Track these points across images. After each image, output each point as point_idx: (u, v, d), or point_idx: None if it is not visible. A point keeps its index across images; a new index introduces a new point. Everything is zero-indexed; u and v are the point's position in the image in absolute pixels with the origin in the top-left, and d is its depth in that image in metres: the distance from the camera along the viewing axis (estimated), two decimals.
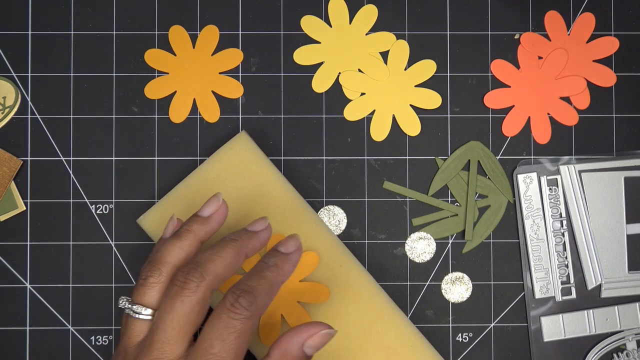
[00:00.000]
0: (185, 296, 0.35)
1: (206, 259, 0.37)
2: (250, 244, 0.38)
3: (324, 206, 0.48)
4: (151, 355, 0.35)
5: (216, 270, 0.36)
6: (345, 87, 0.48)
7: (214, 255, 0.37)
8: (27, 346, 0.47)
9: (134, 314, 0.36)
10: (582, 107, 0.49)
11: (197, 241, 0.39)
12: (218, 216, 0.40)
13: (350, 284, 0.44)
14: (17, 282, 0.47)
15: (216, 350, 0.34)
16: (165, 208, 0.44)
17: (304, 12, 0.48)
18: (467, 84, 0.49)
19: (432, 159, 0.48)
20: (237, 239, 0.38)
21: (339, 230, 0.48)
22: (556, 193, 0.48)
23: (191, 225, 0.39)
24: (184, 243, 0.38)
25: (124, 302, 0.37)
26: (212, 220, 0.39)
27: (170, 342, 0.35)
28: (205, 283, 0.36)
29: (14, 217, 0.48)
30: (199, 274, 0.36)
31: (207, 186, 0.45)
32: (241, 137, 0.45)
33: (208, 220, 0.39)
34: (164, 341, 0.35)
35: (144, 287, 0.37)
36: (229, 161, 0.45)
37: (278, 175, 0.45)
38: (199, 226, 0.39)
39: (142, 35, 0.48)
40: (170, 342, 0.35)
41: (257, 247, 0.39)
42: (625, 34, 0.49)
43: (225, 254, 0.37)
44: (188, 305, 0.35)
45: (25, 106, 0.48)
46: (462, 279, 0.48)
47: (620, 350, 0.48)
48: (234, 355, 0.34)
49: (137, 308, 0.37)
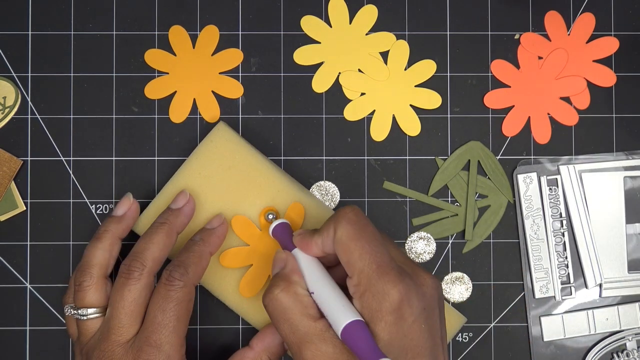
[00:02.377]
0: (132, 285, 0.40)
1: (142, 248, 0.41)
2: (177, 221, 0.43)
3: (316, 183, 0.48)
4: (109, 339, 0.39)
5: (153, 255, 0.41)
6: (345, 87, 0.48)
7: (148, 243, 0.41)
8: (27, 346, 0.47)
9: (81, 317, 0.41)
10: (582, 107, 0.49)
11: (116, 239, 0.43)
12: (131, 213, 0.44)
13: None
14: (17, 282, 0.47)
15: (159, 320, 0.39)
16: (156, 211, 0.45)
17: (304, 12, 0.48)
18: (467, 84, 0.49)
19: (432, 159, 0.48)
20: (165, 221, 0.42)
21: (333, 204, 0.48)
22: (556, 193, 0.48)
23: (108, 226, 0.43)
24: (104, 244, 0.42)
25: (69, 310, 0.42)
26: (126, 218, 0.44)
27: (125, 326, 0.39)
28: (147, 270, 0.40)
29: (14, 217, 0.48)
30: (139, 263, 0.40)
31: (194, 182, 0.45)
32: (220, 128, 0.45)
33: (122, 218, 0.43)
34: (119, 326, 0.39)
35: (81, 291, 0.41)
36: (211, 154, 0.45)
37: (263, 160, 0.45)
38: (115, 225, 0.43)
39: (142, 35, 0.48)
40: (125, 326, 0.39)
41: (185, 223, 0.43)
42: (625, 34, 0.49)
43: (158, 238, 0.41)
44: (135, 292, 0.40)
45: (25, 106, 0.48)
46: (462, 278, 0.48)
47: (620, 350, 0.48)
48: (175, 320, 0.39)
49: (83, 311, 0.41)
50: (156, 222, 0.43)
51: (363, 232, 0.37)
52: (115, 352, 0.39)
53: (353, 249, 0.36)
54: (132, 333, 0.40)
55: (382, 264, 0.36)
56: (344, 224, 0.37)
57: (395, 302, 0.35)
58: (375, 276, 0.35)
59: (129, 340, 0.39)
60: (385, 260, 0.36)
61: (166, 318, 0.39)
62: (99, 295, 0.41)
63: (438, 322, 0.37)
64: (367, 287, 0.36)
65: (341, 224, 0.37)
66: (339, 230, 0.37)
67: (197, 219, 0.45)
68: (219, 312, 0.47)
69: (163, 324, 0.39)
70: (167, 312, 0.39)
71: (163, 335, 0.39)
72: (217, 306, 0.46)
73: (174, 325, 0.39)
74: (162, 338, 0.39)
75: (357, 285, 0.36)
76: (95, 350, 0.40)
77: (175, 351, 0.39)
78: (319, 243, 0.38)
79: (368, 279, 0.36)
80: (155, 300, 0.40)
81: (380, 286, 0.35)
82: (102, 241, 0.42)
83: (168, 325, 0.39)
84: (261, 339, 0.42)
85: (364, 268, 0.36)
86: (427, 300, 0.37)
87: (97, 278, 0.41)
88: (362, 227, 0.37)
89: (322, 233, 0.38)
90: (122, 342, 0.39)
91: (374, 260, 0.36)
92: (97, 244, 0.42)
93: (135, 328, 0.40)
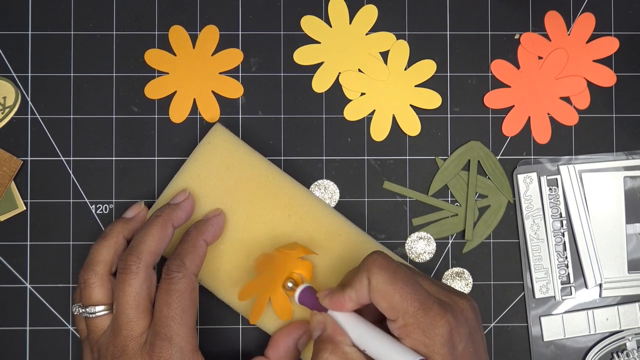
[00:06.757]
0: (131, 279, 0.40)
1: (138, 242, 0.41)
2: (174, 214, 0.43)
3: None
4: (121, 334, 0.40)
5: (149, 248, 0.41)
6: (345, 87, 0.48)
7: (143, 236, 0.42)
8: (27, 346, 0.47)
9: (89, 315, 0.41)
10: (582, 107, 0.49)
11: (121, 237, 0.43)
12: (139, 217, 0.45)
13: (351, 250, 0.45)
14: (17, 282, 0.47)
15: (165, 313, 0.40)
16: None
17: (304, 12, 0.48)
18: (467, 84, 0.49)
19: (432, 159, 0.48)
20: (160, 214, 0.43)
21: (332, 202, 0.48)
22: (556, 193, 0.48)
23: (114, 226, 0.43)
24: (109, 242, 0.42)
25: (77, 309, 0.42)
26: (134, 220, 0.44)
27: (133, 320, 0.40)
28: (143, 263, 0.41)
29: (14, 217, 0.48)
30: (135, 257, 0.41)
31: (193, 184, 0.45)
32: (217, 129, 0.46)
33: (130, 220, 0.44)
34: (127, 321, 0.40)
35: (87, 289, 0.41)
36: (209, 156, 0.45)
37: (260, 159, 0.45)
38: (122, 225, 0.44)
39: (142, 35, 0.48)
40: (133, 320, 0.40)
41: (182, 217, 0.44)
42: (625, 34, 0.49)
43: (153, 231, 0.42)
44: (136, 286, 0.40)
45: (25, 106, 0.48)
46: (462, 274, 0.48)
47: (620, 350, 0.48)
48: (181, 312, 0.40)
49: (90, 309, 0.41)
50: (152, 216, 0.43)
51: (397, 274, 0.37)
52: (129, 346, 0.40)
53: (393, 293, 0.37)
54: (142, 326, 0.40)
55: (423, 301, 0.36)
56: (377, 271, 0.37)
57: (447, 334, 0.36)
58: (421, 314, 0.36)
59: (141, 334, 0.40)
60: (425, 296, 0.37)
61: (172, 311, 0.40)
62: (105, 292, 0.41)
63: (481, 341, 0.39)
64: (415, 325, 0.36)
65: (374, 272, 0.37)
66: (374, 278, 0.37)
67: (196, 219, 0.45)
68: (219, 312, 0.47)
69: (170, 317, 0.39)
70: (172, 305, 0.40)
71: (172, 328, 0.39)
72: (217, 306, 0.46)
73: (180, 317, 0.40)
74: (171, 331, 0.39)
75: (404, 326, 0.36)
76: (109, 347, 0.40)
77: (186, 342, 0.40)
78: (353, 297, 0.38)
79: (415, 318, 0.36)
80: (159, 296, 0.40)
81: (428, 322, 0.36)
82: (108, 239, 0.43)
83: (175, 317, 0.40)
84: (275, 348, 0.43)
85: (408, 308, 0.36)
86: (470, 324, 0.38)
87: (102, 275, 0.41)
88: (394, 270, 0.37)
89: (354, 286, 0.38)
90: (135, 336, 0.40)
91: (415, 299, 0.36)
92: (103, 241, 0.42)
93: (145, 321, 0.40)
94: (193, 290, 0.41)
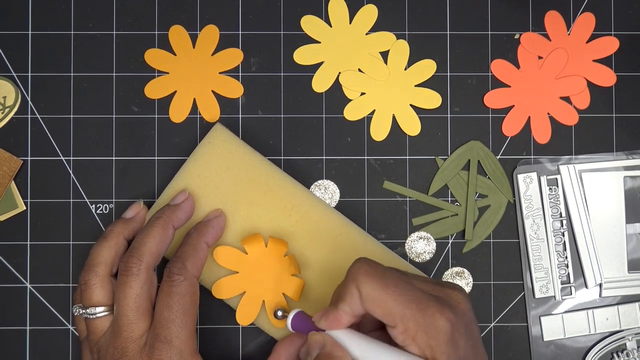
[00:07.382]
0: (132, 281, 0.40)
1: (139, 244, 0.41)
2: (174, 216, 0.43)
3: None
4: (122, 336, 0.40)
5: (150, 250, 0.41)
6: (345, 87, 0.48)
7: (144, 238, 0.42)
8: (27, 346, 0.47)
9: (90, 316, 0.41)
10: (582, 107, 0.49)
11: (122, 238, 0.43)
12: (139, 217, 0.45)
13: (352, 250, 0.45)
14: (17, 282, 0.47)
15: (166, 316, 0.40)
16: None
17: (304, 12, 0.48)
18: (467, 84, 0.49)
19: (432, 159, 0.48)
20: (161, 215, 0.43)
21: (333, 202, 0.48)
22: (556, 193, 0.48)
23: (115, 226, 0.43)
24: (110, 242, 0.42)
25: (77, 310, 0.42)
26: (134, 220, 0.44)
27: (134, 322, 0.40)
28: (144, 265, 0.41)
29: (14, 217, 0.48)
30: (135, 259, 0.41)
31: (193, 184, 0.45)
32: (217, 129, 0.46)
33: (130, 220, 0.44)
34: (127, 323, 0.40)
35: (87, 290, 0.41)
36: (209, 156, 0.45)
37: (261, 159, 0.45)
38: (123, 225, 0.43)
39: (142, 35, 0.48)
40: (134, 322, 0.40)
41: (182, 218, 0.44)
42: (625, 34, 0.49)
43: (154, 232, 0.42)
44: (136, 288, 0.40)
45: (25, 106, 0.48)
46: (462, 274, 0.48)
47: (620, 350, 0.48)
48: (182, 314, 0.40)
49: (91, 310, 0.41)
50: (152, 217, 0.43)
51: (386, 278, 0.36)
52: (129, 348, 0.40)
53: (386, 299, 0.36)
54: (142, 328, 0.40)
55: (419, 301, 0.36)
56: (364, 279, 0.36)
57: (449, 332, 0.35)
58: (419, 315, 0.35)
59: (141, 336, 0.40)
60: (419, 296, 0.36)
61: (172, 314, 0.40)
62: (105, 293, 0.41)
63: (477, 334, 0.38)
64: (416, 328, 0.35)
65: (362, 281, 0.36)
66: (363, 287, 0.36)
67: (196, 219, 0.45)
68: (219, 312, 0.47)
69: (170, 319, 0.39)
70: (172, 307, 0.40)
71: (172, 331, 0.39)
72: (217, 306, 0.46)
73: (181, 319, 0.40)
74: (171, 333, 0.39)
75: (405, 331, 0.36)
76: (109, 348, 0.40)
77: (186, 345, 0.40)
78: (348, 310, 0.37)
79: (414, 321, 0.35)
80: (160, 298, 0.40)
81: (428, 322, 0.35)
82: (108, 240, 0.43)
83: (175, 320, 0.40)
84: (276, 359, 0.42)
85: (405, 312, 0.36)
86: (466, 317, 0.37)
87: (102, 276, 0.42)
88: (382, 274, 0.37)
89: (345, 299, 0.37)
90: (135, 337, 0.40)
91: (410, 300, 0.36)
92: (103, 242, 0.42)
93: (145, 323, 0.40)
94: (194, 293, 0.41)
